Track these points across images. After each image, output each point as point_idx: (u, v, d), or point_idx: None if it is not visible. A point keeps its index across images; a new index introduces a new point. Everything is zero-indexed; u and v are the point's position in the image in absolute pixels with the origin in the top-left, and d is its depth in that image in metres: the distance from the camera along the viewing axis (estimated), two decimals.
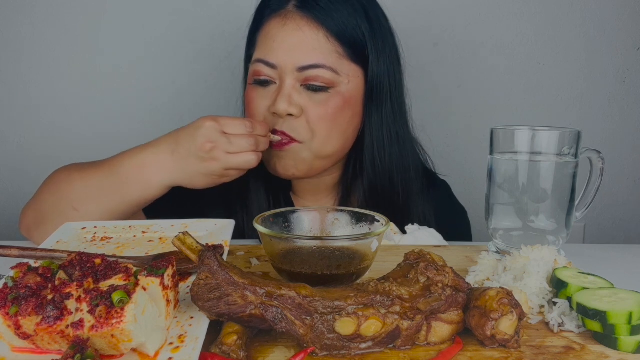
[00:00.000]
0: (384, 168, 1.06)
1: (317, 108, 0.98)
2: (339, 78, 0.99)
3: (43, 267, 0.53)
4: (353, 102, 1.02)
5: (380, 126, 1.05)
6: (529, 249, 0.72)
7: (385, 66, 1.03)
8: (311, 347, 0.54)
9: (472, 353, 0.56)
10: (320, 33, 0.97)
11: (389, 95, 1.05)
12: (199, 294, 0.54)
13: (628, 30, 1.58)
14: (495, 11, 1.56)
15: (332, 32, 0.98)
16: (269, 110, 1.00)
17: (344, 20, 0.99)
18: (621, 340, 0.56)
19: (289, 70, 0.98)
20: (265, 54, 1.00)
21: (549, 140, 0.78)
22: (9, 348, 0.52)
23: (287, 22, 0.99)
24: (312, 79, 0.97)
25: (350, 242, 0.68)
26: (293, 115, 0.98)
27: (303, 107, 0.98)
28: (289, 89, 0.98)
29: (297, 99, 0.98)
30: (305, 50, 0.97)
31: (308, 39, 0.97)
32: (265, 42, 1.00)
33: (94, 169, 0.97)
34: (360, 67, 1.02)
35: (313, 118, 0.98)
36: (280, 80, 0.99)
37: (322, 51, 0.97)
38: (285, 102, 0.97)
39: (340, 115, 1.00)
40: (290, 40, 0.98)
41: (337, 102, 0.99)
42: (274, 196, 1.11)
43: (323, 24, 0.98)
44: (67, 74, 1.52)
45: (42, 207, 0.98)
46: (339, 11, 0.99)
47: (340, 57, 0.99)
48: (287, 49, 0.98)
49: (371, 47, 1.01)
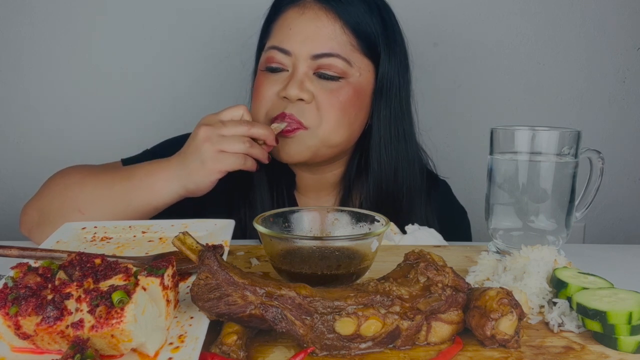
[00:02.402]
0: (390, 165, 1.07)
1: (328, 95, 0.99)
2: (351, 69, 1.00)
3: (43, 267, 0.53)
4: (362, 95, 1.03)
5: (389, 123, 1.06)
6: (529, 249, 0.72)
7: (396, 66, 1.06)
8: (311, 347, 0.54)
9: (472, 353, 0.56)
10: (337, 24, 1.00)
11: (398, 94, 1.07)
12: (199, 294, 0.54)
13: (628, 30, 1.58)
14: (495, 11, 1.56)
15: (348, 25, 1.00)
16: (279, 94, 1.00)
17: (360, 15, 1.01)
18: (621, 340, 0.56)
19: (303, 57, 0.99)
20: (280, 40, 1.01)
21: (549, 140, 0.78)
22: (9, 348, 0.52)
23: (305, 11, 1.01)
24: (326, 67, 0.99)
25: (350, 242, 0.68)
26: (304, 100, 0.99)
27: (314, 94, 0.99)
28: (302, 76, 0.99)
29: (309, 85, 0.99)
30: (321, 39, 0.99)
31: (325, 29, 0.99)
32: (281, 30, 1.02)
33: (105, 173, 0.98)
34: (372, 62, 1.04)
35: (323, 105, 0.99)
36: (293, 67, 1.00)
37: (338, 41, 0.99)
38: (296, 88, 0.98)
39: (350, 105, 1.02)
40: (307, 28, 1.00)
41: (347, 92, 1.01)
42: (278, 193, 1.11)
43: (340, 16, 1.00)
44: (66, 74, 1.52)
45: (46, 207, 0.98)
46: (355, 6, 1.01)
47: (353, 49, 1.01)
48: (303, 37, 0.99)
49: (383, 46, 1.04)
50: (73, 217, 0.93)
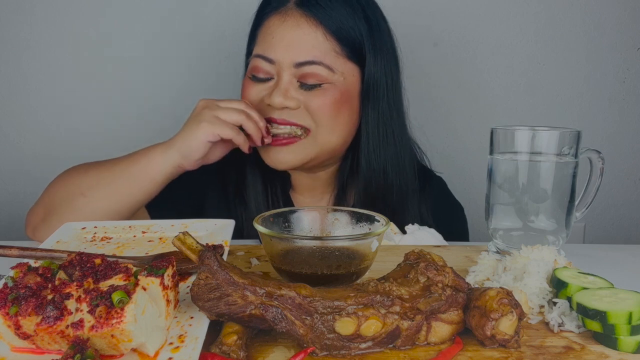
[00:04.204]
0: (379, 165, 1.07)
1: (315, 99, 1.00)
2: (333, 76, 1.00)
3: (43, 267, 0.53)
4: (350, 97, 1.03)
5: (376, 124, 1.06)
6: (529, 249, 0.72)
7: (383, 66, 1.05)
8: (311, 347, 0.54)
9: (472, 353, 0.56)
10: (318, 31, 0.99)
11: (386, 95, 1.06)
12: (199, 294, 0.54)
13: (628, 30, 1.58)
14: (495, 11, 1.56)
15: (330, 31, 1.00)
16: (264, 101, 1.02)
17: (343, 20, 1.01)
18: (621, 340, 0.56)
19: (287, 65, 0.99)
20: (264, 49, 1.02)
21: (549, 140, 0.78)
22: (9, 348, 0.52)
23: (286, 19, 1.01)
24: (308, 75, 0.99)
25: (350, 242, 0.68)
26: (289, 107, 0.99)
27: (300, 100, 1.00)
28: (286, 84, 1.00)
29: (293, 93, 1.00)
30: (303, 47, 0.99)
31: (306, 36, 0.99)
32: (265, 38, 1.02)
33: (108, 160, 1.02)
34: (357, 65, 1.04)
35: (314, 108, 1.00)
36: (277, 76, 1.01)
37: (320, 49, 0.99)
38: (281, 96, 0.99)
39: (341, 106, 1.02)
40: (289, 36, 1.00)
41: (333, 93, 1.01)
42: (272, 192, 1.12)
43: (322, 22, 0.99)
44: (66, 74, 1.52)
45: (51, 200, 1.00)
46: (337, 10, 1.00)
47: (337, 55, 1.01)
48: (285, 45, 0.99)
49: (369, 47, 1.03)
50: (77, 203, 0.95)
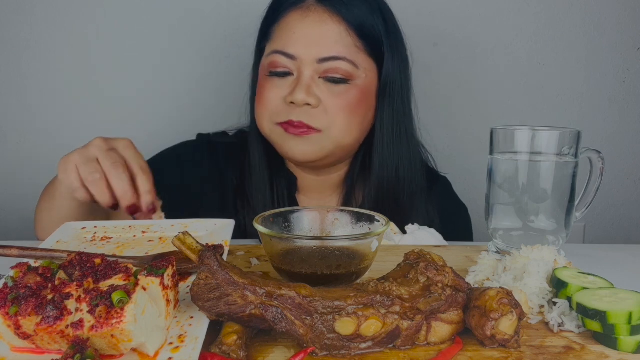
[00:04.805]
0: (392, 163, 1.08)
1: (336, 99, 1.00)
2: (357, 71, 1.01)
3: (43, 267, 0.53)
4: (368, 95, 1.04)
5: (391, 122, 1.07)
6: (529, 249, 0.72)
7: (398, 65, 1.06)
8: (311, 347, 0.54)
9: (472, 353, 0.56)
10: (341, 27, 1.00)
11: (400, 93, 1.07)
12: (199, 294, 0.54)
13: (628, 30, 1.58)
14: (495, 11, 1.56)
15: (353, 26, 1.00)
16: (285, 100, 1.01)
17: (363, 17, 1.01)
18: (621, 340, 0.56)
19: (309, 61, 0.99)
20: (284, 45, 1.01)
21: (549, 140, 0.78)
22: (9, 348, 0.52)
23: (309, 14, 1.00)
24: (332, 70, 0.99)
25: (350, 242, 0.68)
26: (310, 105, 0.99)
27: (321, 98, 1.00)
28: (308, 80, 0.99)
29: (316, 90, 1.00)
30: (327, 42, 0.99)
31: (330, 32, 0.99)
32: (284, 34, 1.02)
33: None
34: (375, 62, 1.04)
35: (332, 108, 1.00)
36: (298, 72, 1.00)
37: (343, 44, 0.99)
38: (303, 92, 0.98)
39: (359, 107, 1.02)
40: (312, 32, 0.99)
41: (355, 94, 1.01)
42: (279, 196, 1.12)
43: (345, 19, 1.00)
44: (66, 74, 1.52)
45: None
46: (358, 7, 1.01)
47: (358, 50, 1.01)
48: (308, 41, 0.99)
49: (387, 45, 1.04)
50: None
